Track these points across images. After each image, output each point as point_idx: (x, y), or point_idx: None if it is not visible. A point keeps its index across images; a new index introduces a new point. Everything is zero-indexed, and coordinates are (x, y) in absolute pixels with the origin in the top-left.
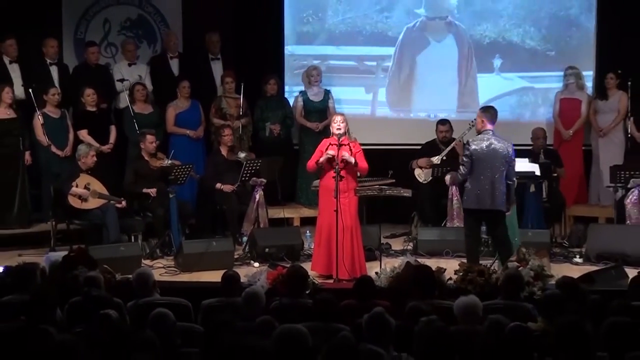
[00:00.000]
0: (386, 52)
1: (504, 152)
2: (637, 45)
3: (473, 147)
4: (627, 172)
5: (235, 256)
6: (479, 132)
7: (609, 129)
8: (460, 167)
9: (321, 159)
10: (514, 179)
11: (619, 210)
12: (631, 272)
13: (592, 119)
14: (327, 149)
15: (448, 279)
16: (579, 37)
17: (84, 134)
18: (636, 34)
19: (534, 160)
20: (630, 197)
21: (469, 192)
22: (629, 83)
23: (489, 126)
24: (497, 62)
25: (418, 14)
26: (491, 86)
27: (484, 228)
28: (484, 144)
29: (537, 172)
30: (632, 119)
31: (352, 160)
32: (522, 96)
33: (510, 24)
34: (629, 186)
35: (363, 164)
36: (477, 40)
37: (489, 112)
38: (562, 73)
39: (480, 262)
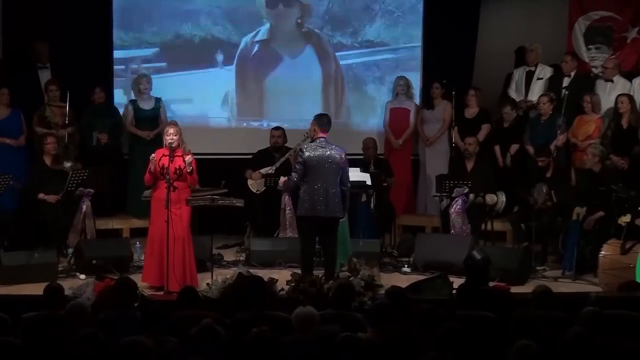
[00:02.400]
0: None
1: (337, 159)
2: (460, 55)
3: (307, 154)
4: (452, 182)
5: (60, 268)
6: (313, 140)
7: (435, 138)
8: (293, 173)
9: (150, 167)
10: (348, 184)
11: (444, 219)
12: (455, 282)
13: (419, 128)
14: (160, 161)
15: (280, 290)
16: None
17: None
18: (459, 44)
19: (364, 169)
20: (454, 206)
21: (303, 200)
22: (453, 93)
23: (321, 134)
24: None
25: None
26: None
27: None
28: (317, 152)
29: (368, 182)
30: (456, 128)
31: (190, 169)
32: (354, 104)
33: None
34: (453, 195)
35: (194, 176)
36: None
37: (322, 119)
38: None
39: (314, 272)
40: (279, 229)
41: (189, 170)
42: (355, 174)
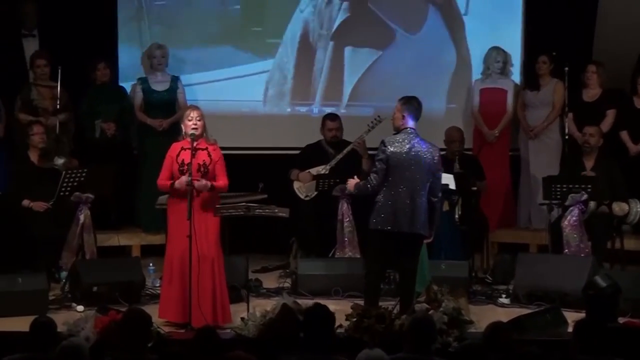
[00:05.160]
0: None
1: (430, 160)
2: (575, 20)
3: (391, 149)
4: (565, 185)
5: (51, 297)
6: (398, 131)
7: (541, 128)
8: (372, 175)
9: (176, 184)
10: (440, 195)
11: (555, 235)
12: (571, 316)
13: (520, 115)
14: (178, 156)
15: (337, 327)
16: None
17: None
18: (574, 4)
19: (447, 169)
20: (568, 218)
21: (381, 210)
22: (566, 69)
23: (410, 123)
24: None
25: None
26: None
27: None
28: (404, 147)
29: (452, 186)
30: (570, 115)
31: (208, 185)
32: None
33: None
34: (566, 203)
35: (222, 180)
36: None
37: (411, 103)
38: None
39: (380, 303)
40: (335, 247)
41: (208, 187)
42: None
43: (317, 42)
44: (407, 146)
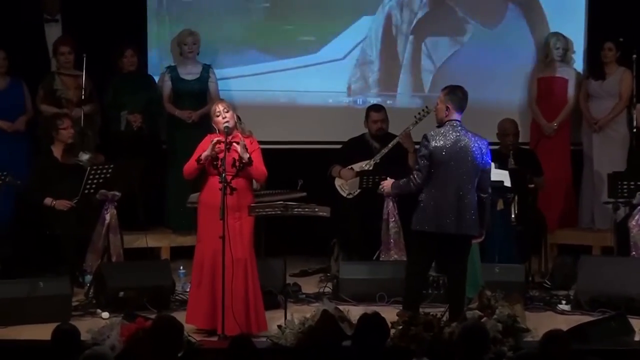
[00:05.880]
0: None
1: (478, 154)
2: None
3: (434, 143)
4: (633, 183)
5: (75, 303)
6: (441, 123)
7: (606, 120)
8: (415, 172)
9: (203, 155)
10: (489, 190)
11: (621, 236)
12: (638, 324)
13: (582, 107)
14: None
15: None
16: None
17: None
18: None
19: (501, 165)
20: (636, 217)
21: (424, 208)
22: (634, 57)
23: (455, 115)
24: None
25: None
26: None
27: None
28: (449, 141)
29: (507, 183)
30: (638, 106)
31: (246, 155)
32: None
33: None
34: (634, 202)
35: (260, 167)
36: None
37: (455, 93)
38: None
39: (427, 310)
40: (380, 249)
41: (245, 158)
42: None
43: (397, 35)
44: (452, 140)
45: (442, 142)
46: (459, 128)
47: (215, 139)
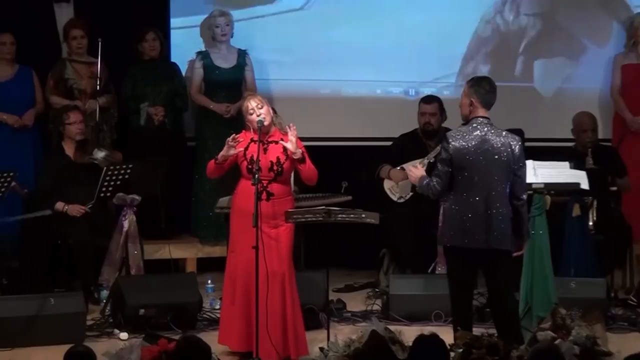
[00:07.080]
0: None
1: (508, 154)
2: None
3: (454, 144)
4: None
5: (90, 321)
6: (466, 120)
7: None
8: (434, 178)
9: (220, 154)
10: (524, 196)
11: None
12: None
13: None
14: (247, 150)
15: None
16: None
17: None
18: None
19: (577, 165)
20: None
21: (450, 222)
22: None
23: (481, 111)
24: None
25: None
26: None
27: None
28: (473, 141)
29: (584, 185)
30: None
31: (299, 152)
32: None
33: None
34: None
35: (312, 165)
36: None
37: (481, 86)
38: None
39: (487, 330)
40: (436, 261)
41: (297, 156)
42: (562, 172)
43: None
44: (477, 140)
45: (464, 143)
46: (487, 127)
47: (232, 136)
